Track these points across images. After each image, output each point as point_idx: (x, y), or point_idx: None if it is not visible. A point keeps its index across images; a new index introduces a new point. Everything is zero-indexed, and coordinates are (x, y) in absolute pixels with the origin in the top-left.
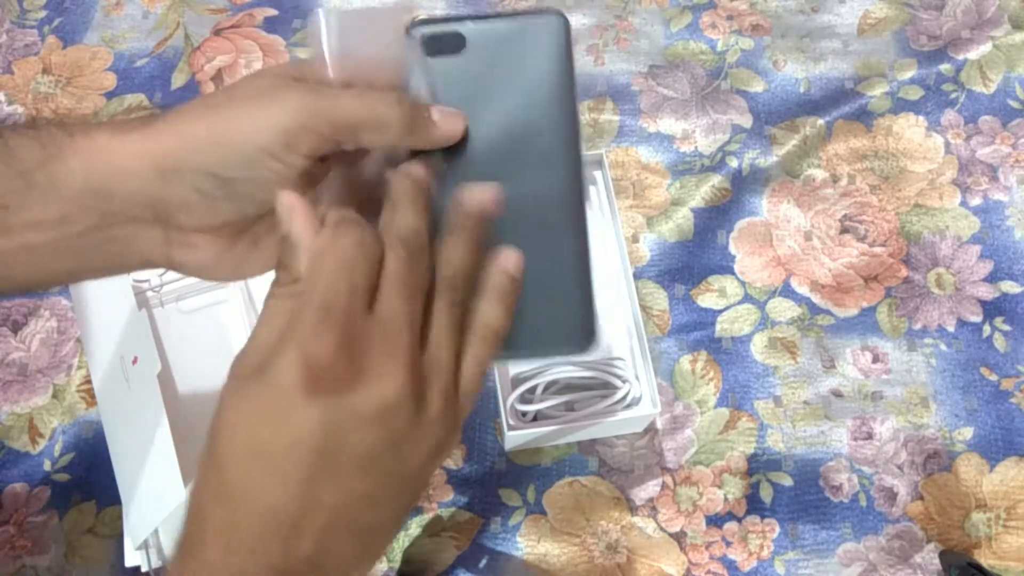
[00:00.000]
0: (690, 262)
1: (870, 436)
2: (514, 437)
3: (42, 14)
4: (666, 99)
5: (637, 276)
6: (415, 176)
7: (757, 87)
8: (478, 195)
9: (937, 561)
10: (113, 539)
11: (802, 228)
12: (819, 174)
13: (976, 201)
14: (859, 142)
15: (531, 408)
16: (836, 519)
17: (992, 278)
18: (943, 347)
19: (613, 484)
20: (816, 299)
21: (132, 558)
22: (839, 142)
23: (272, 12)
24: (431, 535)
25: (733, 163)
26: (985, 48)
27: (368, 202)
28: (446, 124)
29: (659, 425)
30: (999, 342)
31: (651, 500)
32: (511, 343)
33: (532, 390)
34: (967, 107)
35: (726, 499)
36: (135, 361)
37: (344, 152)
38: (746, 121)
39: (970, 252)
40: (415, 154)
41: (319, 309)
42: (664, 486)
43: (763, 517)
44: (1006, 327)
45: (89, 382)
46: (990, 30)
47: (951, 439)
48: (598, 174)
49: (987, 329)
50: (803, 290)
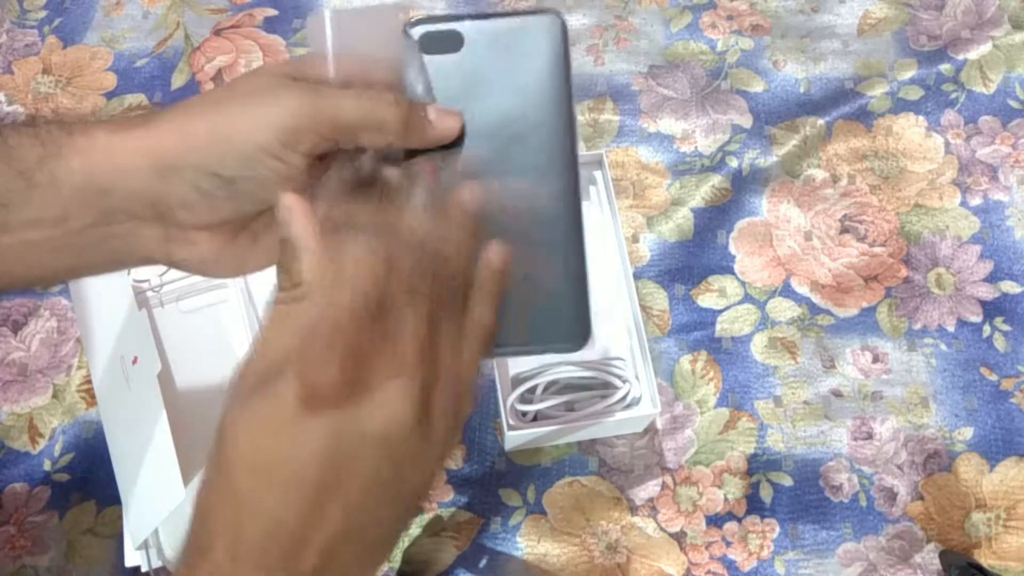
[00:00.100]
0: (690, 262)
1: (870, 436)
2: (514, 437)
3: (42, 14)
4: (666, 99)
5: (637, 276)
6: (420, 175)
7: (757, 87)
8: (472, 192)
9: (937, 561)
10: (113, 539)
11: (802, 228)
12: (819, 174)
13: (976, 201)
14: (859, 142)
15: (531, 408)
16: (836, 519)
17: (992, 278)
18: (943, 347)
19: (613, 484)
20: (816, 299)
21: (132, 558)
22: (839, 142)
23: (272, 12)
24: (431, 535)
25: (733, 163)
26: (985, 48)
27: (364, 198)
28: (442, 124)
29: (659, 425)
30: (999, 342)
31: (651, 500)
32: (504, 337)
33: (532, 390)
34: (967, 107)
35: (726, 499)
36: (135, 361)
37: (342, 150)
38: (746, 121)
39: (970, 252)
40: (411, 152)
41: (325, 324)
42: (664, 486)
43: (763, 517)
44: (1006, 327)
45: (89, 382)
46: (990, 30)
47: (951, 439)
48: (598, 174)
49: (987, 329)
50: (803, 290)
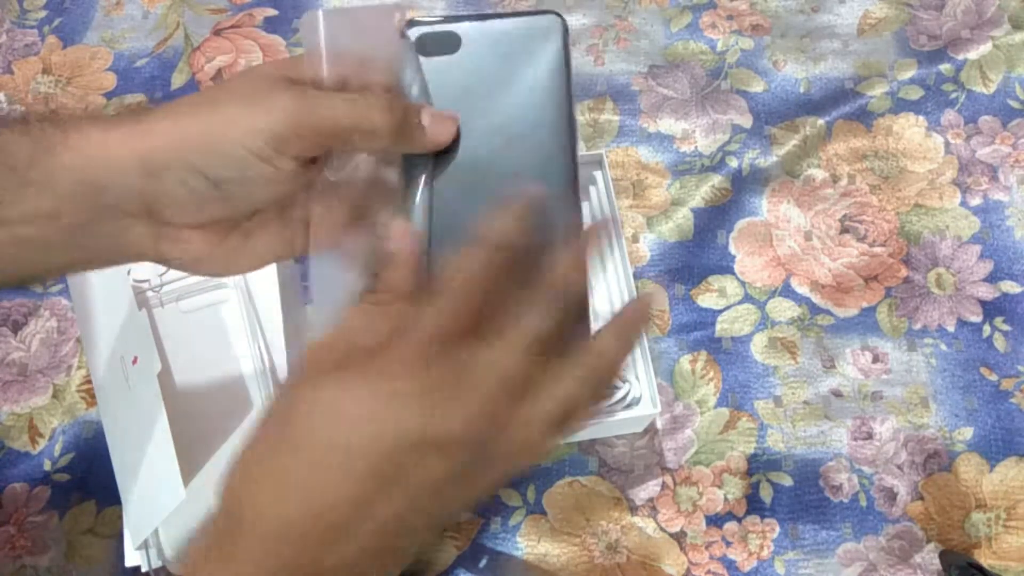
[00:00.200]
0: (690, 262)
1: (870, 436)
2: None
3: (42, 14)
4: (666, 99)
5: (637, 276)
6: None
7: (757, 87)
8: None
9: (937, 561)
10: (113, 539)
11: (802, 228)
12: (819, 174)
13: (976, 201)
14: (859, 142)
15: None
16: (836, 519)
17: (992, 278)
18: (943, 347)
19: (613, 484)
20: (816, 299)
21: (132, 558)
22: (839, 142)
23: (272, 12)
24: None
25: (733, 163)
26: (985, 48)
27: (360, 200)
28: (436, 129)
29: (659, 425)
30: (999, 342)
31: (651, 500)
32: None
33: None
34: (967, 107)
35: (726, 499)
36: (135, 361)
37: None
38: (746, 121)
39: (970, 252)
40: (409, 155)
41: (419, 332)
42: (664, 486)
43: (763, 517)
44: (1006, 327)
45: (89, 382)
46: (990, 30)
47: (951, 439)
48: (598, 174)
49: (987, 329)
50: (803, 290)
